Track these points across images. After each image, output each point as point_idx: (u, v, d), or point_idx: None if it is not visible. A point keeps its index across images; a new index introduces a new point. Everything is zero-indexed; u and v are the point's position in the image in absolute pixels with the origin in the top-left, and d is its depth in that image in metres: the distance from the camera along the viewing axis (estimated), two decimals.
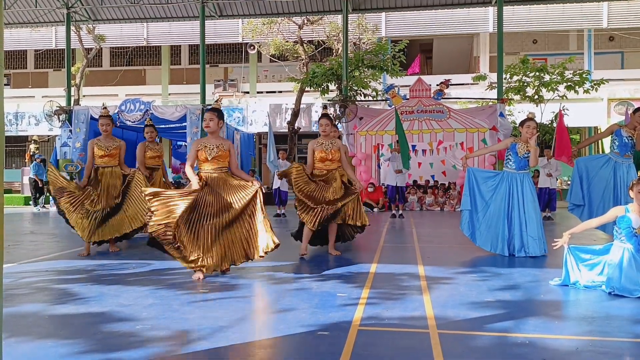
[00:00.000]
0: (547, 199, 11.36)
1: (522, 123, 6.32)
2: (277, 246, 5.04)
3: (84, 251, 6.45)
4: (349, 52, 16.52)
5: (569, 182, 19.72)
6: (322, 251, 6.51)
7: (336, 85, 16.79)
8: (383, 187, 14.43)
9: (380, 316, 3.59)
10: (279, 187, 12.01)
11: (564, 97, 16.50)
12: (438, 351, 2.89)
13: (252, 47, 23.07)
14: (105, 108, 6.97)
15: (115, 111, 14.83)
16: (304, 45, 19.74)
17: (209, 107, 5.46)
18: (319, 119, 6.50)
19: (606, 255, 4.42)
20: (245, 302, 4.20)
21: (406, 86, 16.90)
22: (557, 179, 11.95)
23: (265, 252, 5.05)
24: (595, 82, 16.74)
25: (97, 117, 15.32)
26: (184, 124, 15.43)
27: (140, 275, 5.10)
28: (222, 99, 6.89)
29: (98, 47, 21.69)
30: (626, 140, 6.90)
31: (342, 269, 5.39)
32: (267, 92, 25.32)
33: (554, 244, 4.71)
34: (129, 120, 15.16)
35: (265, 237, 5.04)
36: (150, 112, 15.09)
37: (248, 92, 25.07)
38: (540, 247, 6.16)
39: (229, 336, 3.17)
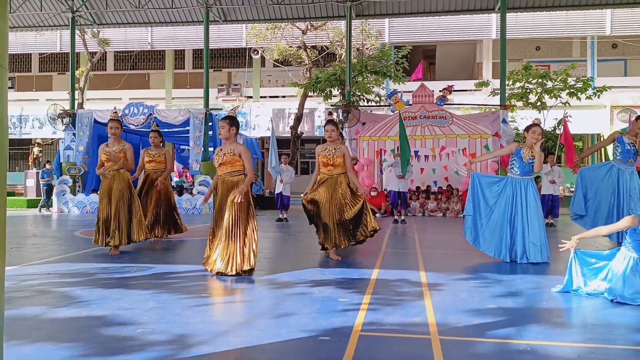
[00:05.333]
0: (550, 206, 11.31)
1: (528, 128, 6.31)
2: (250, 271, 5.18)
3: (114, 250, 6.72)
4: (352, 58, 16.55)
5: (571, 189, 19.68)
6: (324, 256, 6.50)
7: (339, 91, 16.82)
8: (385, 192, 14.41)
9: (381, 322, 3.58)
10: (280, 192, 12.00)
11: (567, 104, 16.49)
12: (439, 357, 2.88)
13: (255, 52, 23.17)
14: (115, 112, 7.09)
15: (119, 115, 14.90)
16: (308, 50, 19.79)
17: (225, 114, 5.75)
18: (325, 124, 6.53)
19: (612, 260, 4.38)
20: (246, 306, 4.20)
21: (409, 92, 16.91)
22: (560, 186, 11.91)
23: (239, 272, 5.15)
24: (598, 89, 16.72)
25: (100, 120, 15.48)
26: (187, 128, 15.48)
27: (142, 279, 5.10)
28: (238, 107, 7.07)
29: (102, 51, 21.79)
30: (628, 147, 6.88)
31: (344, 274, 5.39)
32: (270, 96, 25.38)
33: (560, 246, 4.64)
34: (133, 124, 15.21)
35: (243, 256, 5.18)
36: (154, 115, 15.14)
37: (251, 97, 25.13)
38: (542, 253, 6.14)
39: (230, 341, 3.17)
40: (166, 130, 15.62)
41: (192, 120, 15.31)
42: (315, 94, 17.95)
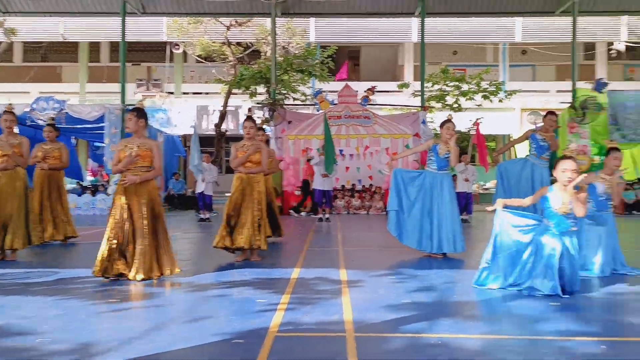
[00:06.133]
0: (465, 203, 11.83)
1: (442, 124, 6.58)
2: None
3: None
4: (277, 56, 16.46)
5: (485, 187, 20.72)
6: (241, 258, 6.37)
7: (265, 89, 16.67)
8: (310, 190, 14.45)
9: (298, 321, 3.56)
10: (202, 192, 11.71)
11: (480, 106, 17.33)
12: (353, 354, 2.90)
13: (177, 47, 22.45)
14: (10, 104, 6.60)
15: (26, 109, 13.93)
16: (232, 46, 19.46)
17: (131, 107, 5.43)
18: (244, 121, 6.46)
19: (539, 233, 4.43)
20: (159, 311, 4.03)
21: (334, 91, 17.07)
22: (473, 184, 12.49)
23: (162, 273, 5.05)
24: (508, 93, 17.71)
25: None
26: (101, 124, 14.73)
27: (45, 285, 4.76)
28: (145, 99, 6.77)
29: (9, 41, 20.25)
30: (541, 143, 7.31)
31: (264, 274, 5.31)
32: (193, 93, 24.72)
33: (488, 208, 4.81)
34: (42, 120, 14.25)
35: (166, 260, 5.06)
36: (65, 111, 14.31)
37: (173, 93, 24.35)
38: (456, 245, 6.39)
39: (139, 347, 3.02)
40: (79, 126, 14.84)
41: (108, 116, 14.60)
42: (240, 91, 17.68)
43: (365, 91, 15.93)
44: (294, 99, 17.42)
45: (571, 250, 4.32)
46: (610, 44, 22.60)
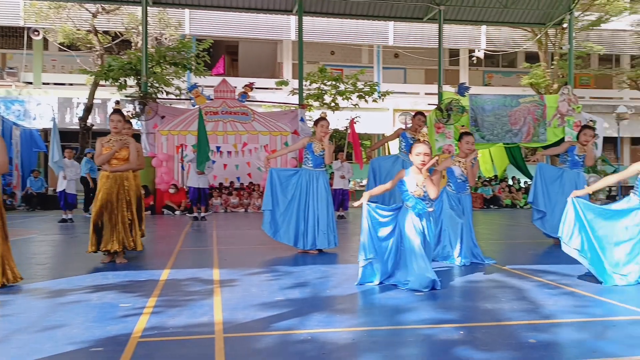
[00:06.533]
0: (341, 199, 12.16)
1: (316, 122, 6.65)
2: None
3: None
4: (149, 47, 15.65)
5: (361, 184, 21.57)
6: (107, 261, 5.93)
7: (135, 81, 15.76)
8: (185, 189, 13.97)
9: (164, 325, 3.36)
10: (64, 190, 10.75)
11: (356, 106, 17.96)
12: (221, 356, 2.79)
13: (36, 33, 20.44)
14: None
15: None
16: (99, 35, 18.16)
17: None
18: (110, 114, 6.03)
19: (398, 216, 4.62)
20: (5, 321, 3.58)
21: (211, 86, 16.67)
22: (349, 181, 12.89)
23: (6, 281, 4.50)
24: (382, 94, 18.58)
25: None
26: None
27: None
28: None
29: None
30: (411, 142, 7.70)
31: (130, 277, 4.98)
32: (55, 83, 22.68)
33: (354, 204, 4.82)
34: None
35: (7, 266, 4.52)
36: None
37: (31, 83, 22.17)
38: (330, 241, 6.51)
39: None
40: None
41: None
42: (107, 83, 16.55)
43: (243, 87, 15.74)
44: (168, 92, 16.72)
45: (427, 236, 4.54)
46: (472, 51, 24.66)
